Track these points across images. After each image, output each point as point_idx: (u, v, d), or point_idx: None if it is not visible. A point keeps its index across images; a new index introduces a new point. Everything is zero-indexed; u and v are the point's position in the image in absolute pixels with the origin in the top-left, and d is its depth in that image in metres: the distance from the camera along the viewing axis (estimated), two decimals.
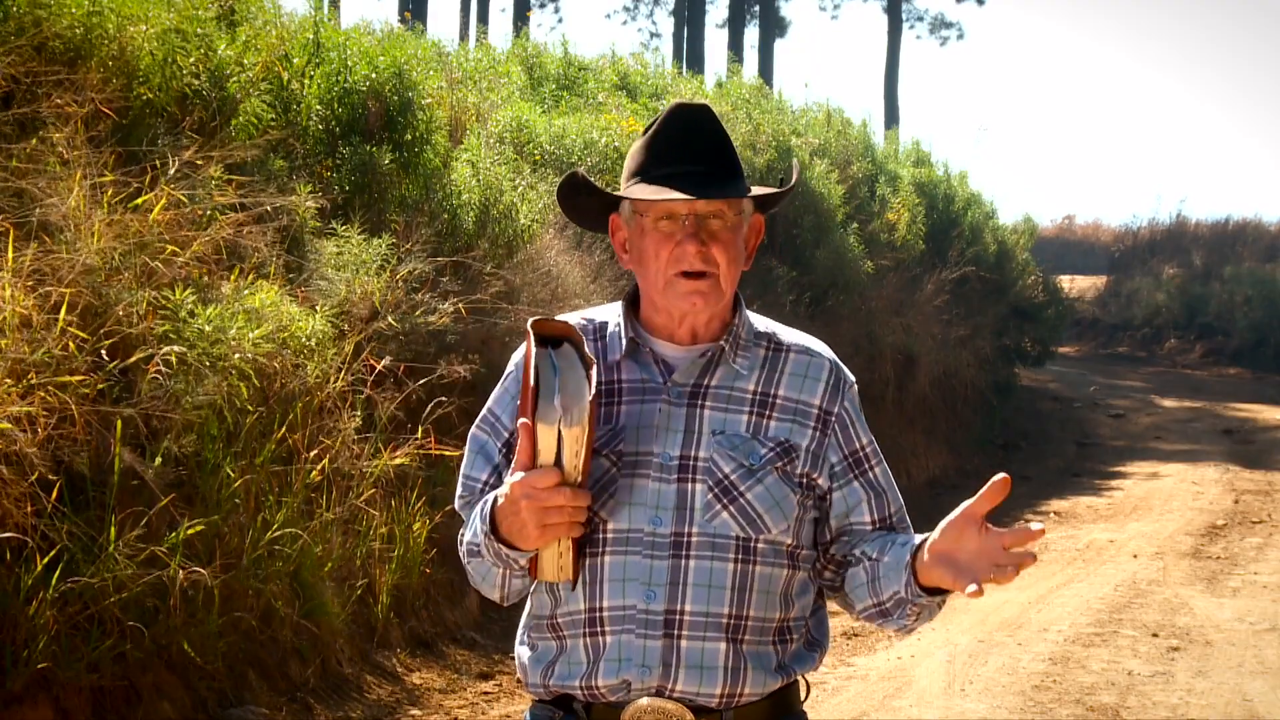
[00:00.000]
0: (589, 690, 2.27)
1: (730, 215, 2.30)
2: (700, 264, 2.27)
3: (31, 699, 4.60)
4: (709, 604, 2.24)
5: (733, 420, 2.30)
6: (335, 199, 7.54)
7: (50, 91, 5.90)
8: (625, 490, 2.26)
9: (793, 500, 2.28)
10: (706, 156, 2.30)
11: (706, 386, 2.32)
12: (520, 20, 27.61)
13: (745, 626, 2.26)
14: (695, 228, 2.27)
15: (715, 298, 2.30)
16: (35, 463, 4.63)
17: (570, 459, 2.16)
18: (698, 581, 2.24)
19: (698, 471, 2.26)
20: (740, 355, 2.34)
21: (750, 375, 2.34)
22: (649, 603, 2.23)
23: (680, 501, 2.25)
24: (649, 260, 2.31)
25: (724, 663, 2.24)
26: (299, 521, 5.84)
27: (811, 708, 2.44)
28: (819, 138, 13.75)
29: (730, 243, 2.30)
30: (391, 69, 8.16)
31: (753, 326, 2.39)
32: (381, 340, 6.81)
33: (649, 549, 2.24)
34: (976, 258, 16.07)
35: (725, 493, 2.26)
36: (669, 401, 2.30)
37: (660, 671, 2.23)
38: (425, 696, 6.17)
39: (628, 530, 2.25)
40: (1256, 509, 12.12)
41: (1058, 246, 30.75)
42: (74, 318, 5.06)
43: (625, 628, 2.24)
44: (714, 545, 2.25)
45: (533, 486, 2.14)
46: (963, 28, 50.30)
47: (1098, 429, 17.69)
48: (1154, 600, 8.59)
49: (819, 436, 2.33)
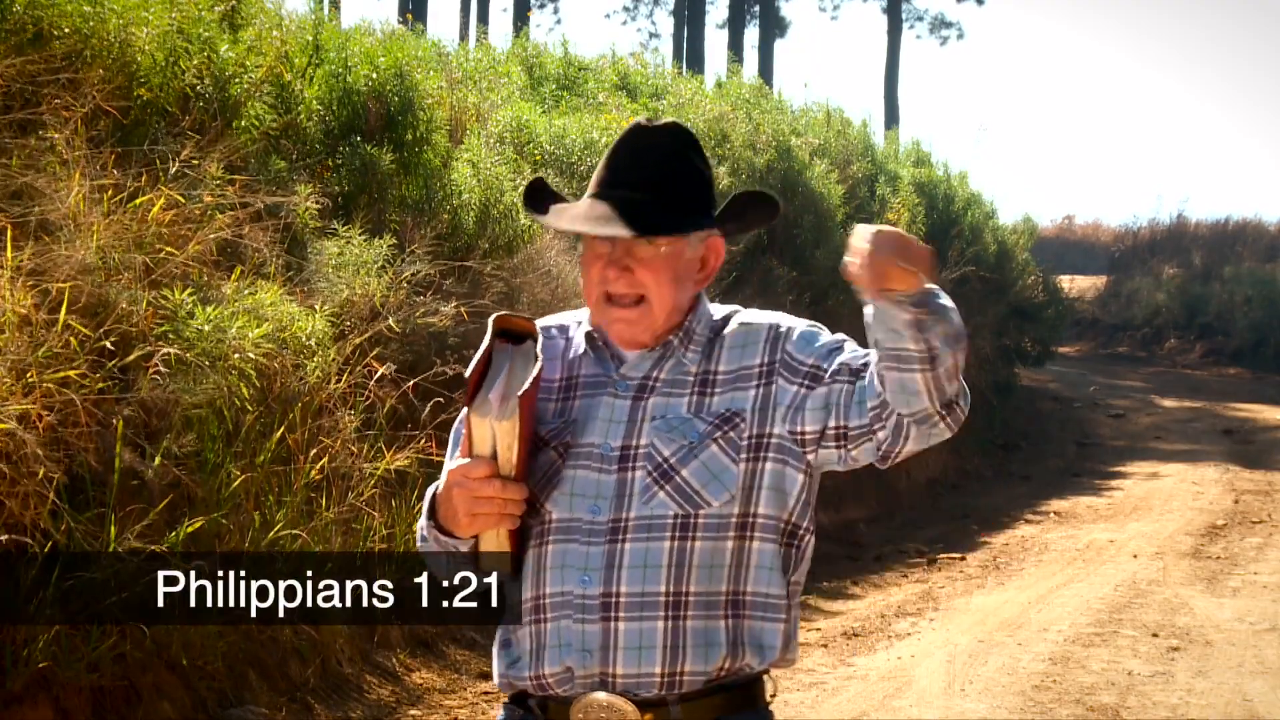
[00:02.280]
0: (536, 681, 2.30)
1: (663, 243, 2.31)
2: (623, 288, 2.31)
3: (31, 699, 4.60)
4: (644, 584, 2.26)
5: (674, 404, 2.33)
6: (336, 199, 7.54)
7: (50, 91, 5.90)
8: (568, 481, 2.30)
9: (733, 470, 2.28)
10: (650, 182, 2.31)
11: (655, 379, 2.35)
12: (520, 20, 27.61)
13: (686, 602, 2.26)
14: (622, 253, 2.30)
15: (644, 324, 2.33)
16: (36, 462, 4.63)
17: (503, 452, 2.21)
18: (632, 563, 2.26)
19: (638, 459, 2.29)
20: (690, 349, 2.37)
21: (695, 362, 2.36)
22: (585, 588, 2.26)
23: (619, 490, 2.29)
24: (585, 279, 2.36)
25: (662, 641, 2.26)
26: (299, 521, 5.84)
27: (811, 708, 2.43)
28: (819, 138, 13.75)
29: (660, 267, 2.31)
30: (392, 69, 8.16)
31: (710, 320, 2.40)
32: (382, 341, 6.81)
33: (586, 536, 2.28)
34: (976, 258, 16.06)
35: (663, 475, 2.28)
36: (615, 395, 2.35)
37: (599, 656, 2.26)
38: (425, 696, 6.17)
39: (569, 520, 2.29)
40: (1256, 509, 12.12)
41: (1058, 246, 30.73)
42: (74, 317, 5.06)
43: (563, 614, 2.27)
44: (650, 527, 2.27)
45: (465, 475, 2.21)
46: (963, 27, 50.35)
47: (1098, 429, 17.69)
48: (1154, 600, 8.59)
49: (763, 389, 2.32)
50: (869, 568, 10.02)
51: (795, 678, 6.80)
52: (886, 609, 8.55)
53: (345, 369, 6.44)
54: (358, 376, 6.50)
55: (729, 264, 10.23)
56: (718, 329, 2.39)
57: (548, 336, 2.41)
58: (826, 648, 7.55)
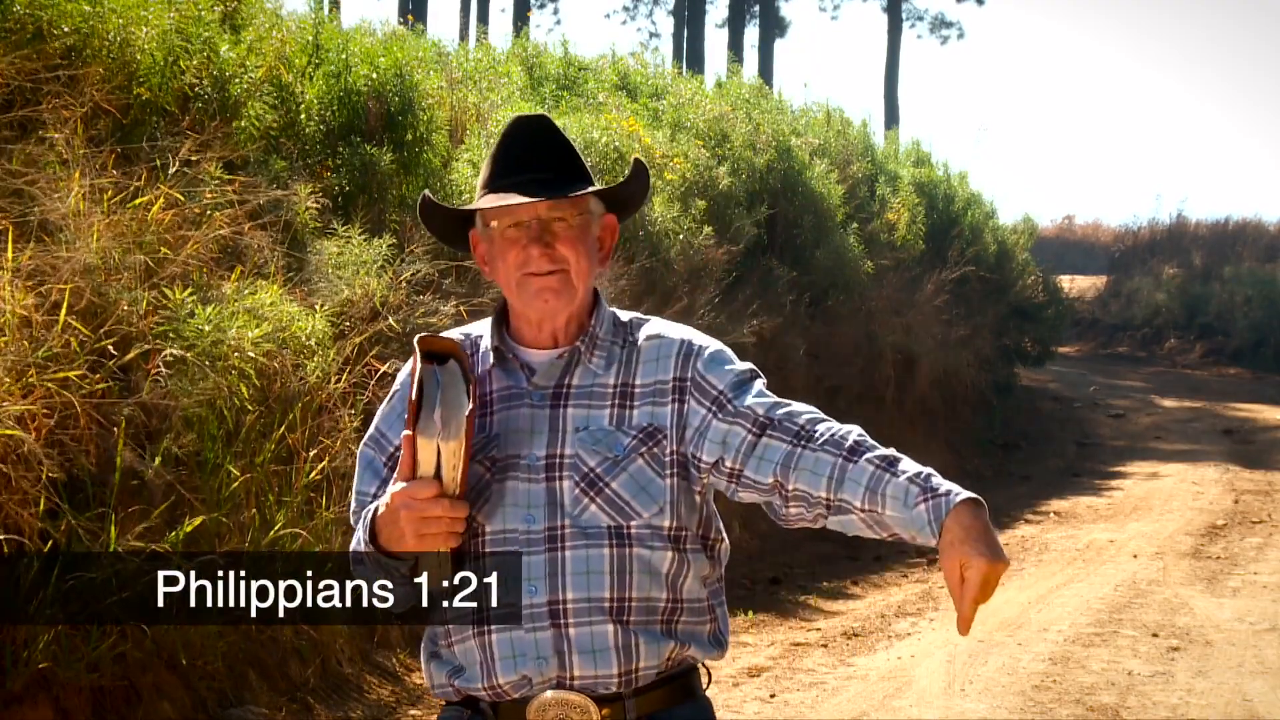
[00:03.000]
0: (492, 689, 2.32)
1: (574, 217, 2.38)
2: (547, 265, 2.36)
3: (31, 699, 4.61)
4: (589, 589, 2.29)
5: (595, 416, 2.36)
6: (335, 199, 7.54)
7: (50, 91, 5.90)
8: (498, 494, 2.33)
9: (661, 484, 2.34)
10: (547, 163, 2.39)
11: (568, 387, 2.39)
12: (520, 20, 27.62)
13: (630, 607, 2.31)
14: (539, 231, 2.36)
15: (567, 295, 2.38)
16: (36, 462, 4.63)
17: (449, 471, 2.24)
18: (575, 570, 2.30)
19: (564, 469, 2.33)
20: (596, 354, 2.41)
21: (609, 371, 2.40)
22: (531, 596, 2.29)
23: (550, 499, 2.32)
24: (500, 266, 2.40)
25: (614, 642, 2.29)
26: (299, 521, 5.85)
27: (811, 708, 2.45)
28: (819, 138, 13.75)
29: (577, 240, 2.38)
30: (392, 69, 8.16)
31: (613, 324, 2.45)
32: (382, 341, 6.81)
33: (525, 546, 2.30)
34: (976, 258, 16.07)
35: (591, 485, 2.32)
36: (532, 405, 2.39)
37: (555, 661, 2.29)
38: (425, 696, 6.17)
39: (504, 531, 2.32)
40: (1256, 509, 12.12)
41: (1058, 246, 30.74)
42: (74, 317, 5.06)
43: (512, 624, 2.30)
44: (586, 535, 2.31)
45: (412, 497, 2.23)
46: (963, 27, 50.34)
47: (1098, 429, 17.69)
48: (1154, 600, 8.59)
49: (678, 407, 2.37)
50: (869, 568, 10.02)
51: (795, 678, 6.81)
52: (886, 609, 8.55)
53: (345, 369, 6.44)
54: (358, 376, 6.50)
55: (729, 264, 10.24)
56: (625, 336, 2.44)
57: None
58: (826, 648, 7.55)
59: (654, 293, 9.06)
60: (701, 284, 9.75)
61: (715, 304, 9.67)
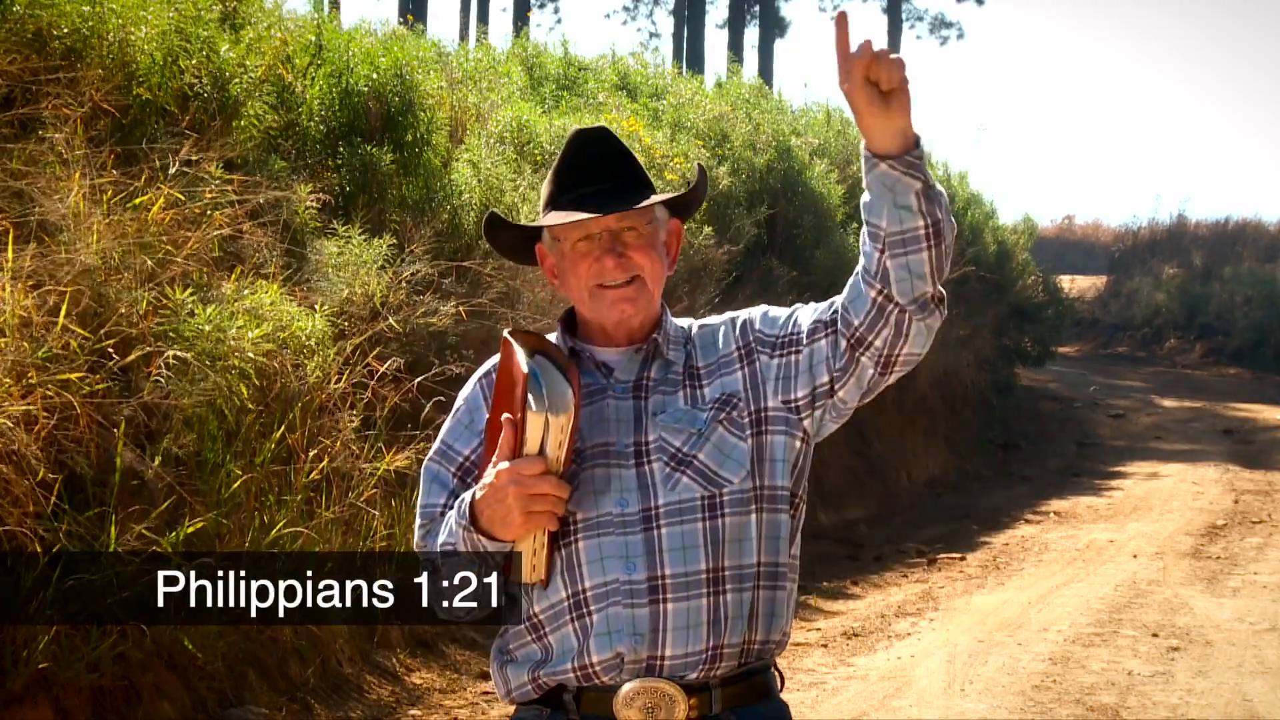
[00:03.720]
0: (582, 671, 2.33)
1: (643, 226, 2.43)
2: (621, 275, 2.40)
3: (31, 699, 4.61)
4: (686, 564, 2.33)
5: (671, 400, 2.42)
6: (336, 199, 7.54)
7: (50, 91, 5.90)
8: (588, 481, 2.36)
9: (743, 448, 2.38)
10: (610, 174, 2.44)
11: (647, 379, 2.44)
12: (520, 20, 27.61)
13: (723, 577, 2.35)
14: (611, 243, 2.41)
15: (644, 301, 2.44)
16: (36, 462, 4.63)
17: (554, 449, 2.25)
18: (671, 546, 2.33)
19: (651, 453, 2.37)
20: (672, 347, 2.47)
21: (679, 363, 2.46)
22: (630, 574, 2.32)
23: (641, 482, 2.36)
24: (572, 279, 2.44)
25: (707, 617, 2.33)
26: (299, 521, 5.85)
27: (811, 707, 2.46)
28: (819, 137, 13.74)
29: (647, 248, 2.43)
30: (392, 69, 8.16)
31: (677, 326, 2.52)
32: (382, 341, 6.81)
33: (620, 528, 2.34)
34: (976, 258, 16.05)
35: (680, 462, 2.36)
36: (615, 397, 2.43)
37: (650, 639, 2.31)
38: (425, 696, 6.17)
39: (596, 517, 2.35)
40: (1256, 509, 12.12)
41: (1058, 246, 30.74)
42: (74, 317, 5.06)
43: (611, 601, 2.32)
44: (680, 510, 2.35)
45: (520, 473, 2.24)
46: (963, 27, 50.36)
47: (1098, 429, 17.69)
48: (1154, 600, 8.59)
49: (749, 369, 2.43)
50: (869, 568, 10.02)
51: (795, 678, 6.81)
52: (886, 609, 8.55)
53: (345, 369, 6.44)
54: (358, 376, 6.50)
55: (729, 264, 10.24)
56: (686, 334, 2.51)
57: None
58: (826, 648, 7.55)
59: None
60: (701, 284, 9.75)
61: (715, 304, 9.67)
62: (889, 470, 13.46)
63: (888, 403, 13.73)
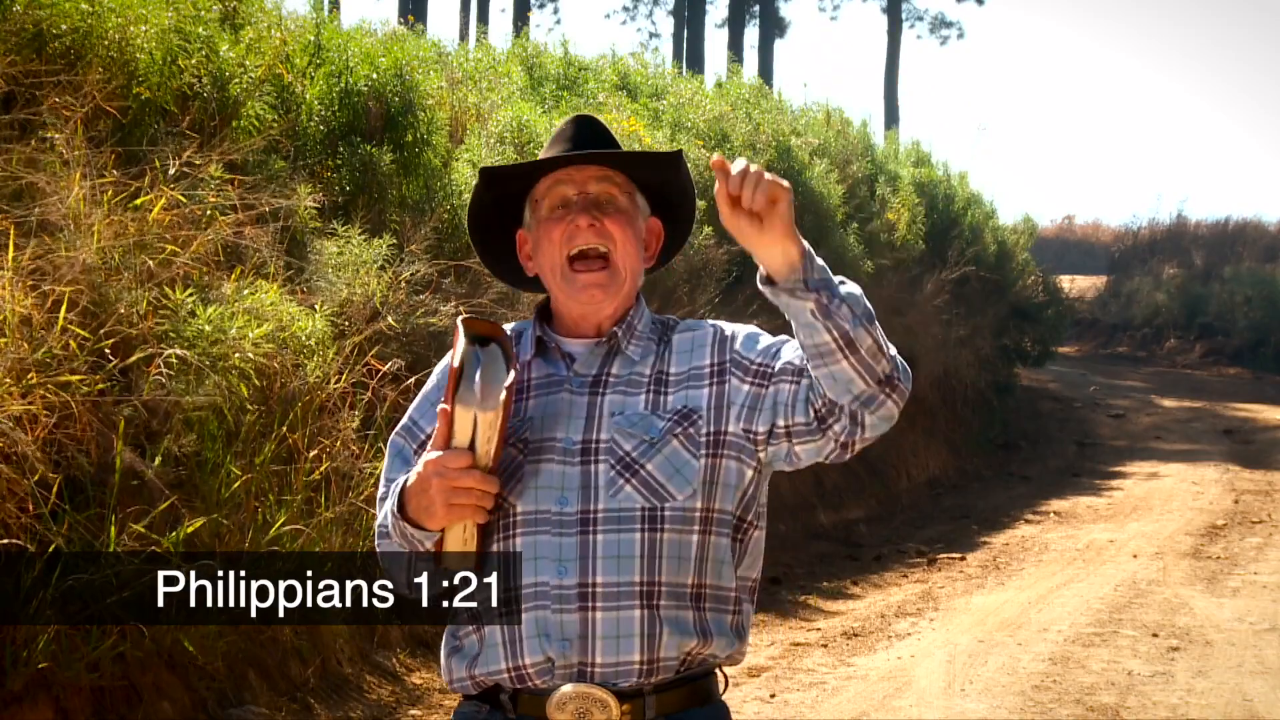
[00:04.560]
0: (516, 672, 2.31)
1: (621, 197, 2.41)
2: (594, 238, 2.37)
3: (31, 699, 4.61)
4: (619, 574, 2.29)
5: (631, 402, 2.38)
6: (336, 199, 7.54)
7: (50, 91, 5.90)
8: (531, 475, 2.33)
9: (695, 465, 2.33)
10: (594, 142, 2.43)
11: (607, 375, 2.40)
12: (520, 20, 27.62)
13: (659, 591, 2.31)
14: (586, 204, 2.38)
15: (614, 288, 2.40)
16: (36, 462, 4.63)
17: (483, 444, 2.25)
18: (606, 554, 2.30)
19: (599, 453, 2.33)
20: (634, 344, 2.42)
21: (645, 361, 2.42)
22: (561, 578, 2.29)
23: (585, 481, 2.32)
24: (545, 248, 2.40)
25: (640, 629, 2.29)
26: (299, 521, 5.85)
27: (811, 708, 2.45)
28: (819, 138, 13.75)
29: (625, 222, 2.40)
30: (392, 69, 8.16)
31: (651, 322, 2.48)
32: (382, 341, 6.81)
33: (557, 528, 2.31)
34: (976, 258, 16.06)
35: (627, 468, 2.32)
36: (571, 391, 2.39)
37: (579, 645, 2.28)
38: (425, 696, 6.17)
39: (535, 512, 2.32)
40: (1256, 509, 12.12)
41: (1058, 246, 30.76)
42: (74, 317, 5.06)
43: (540, 604, 2.30)
44: (619, 518, 2.31)
45: (444, 465, 2.24)
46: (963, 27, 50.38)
47: (1098, 429, 17.69)
48: (1154, 600, 8.59)
49: (718, 388, 2.38)
50: (869, 568, 10.02)
51: (795, 678, 6.81)
52: (886, 609, 8.55)
53: (345, 369, 6.44)
54: (358, 376, 6.50)
55: (729, 264, 10.24)
56: (660, 332, 2.46)
57: None
58: (826, 648, 7.55)
59: (654, 293, 9.05)
60: (701, 284, 9.75)
61: (715, 304, 9.67)
62: (889, 470, 13.46)
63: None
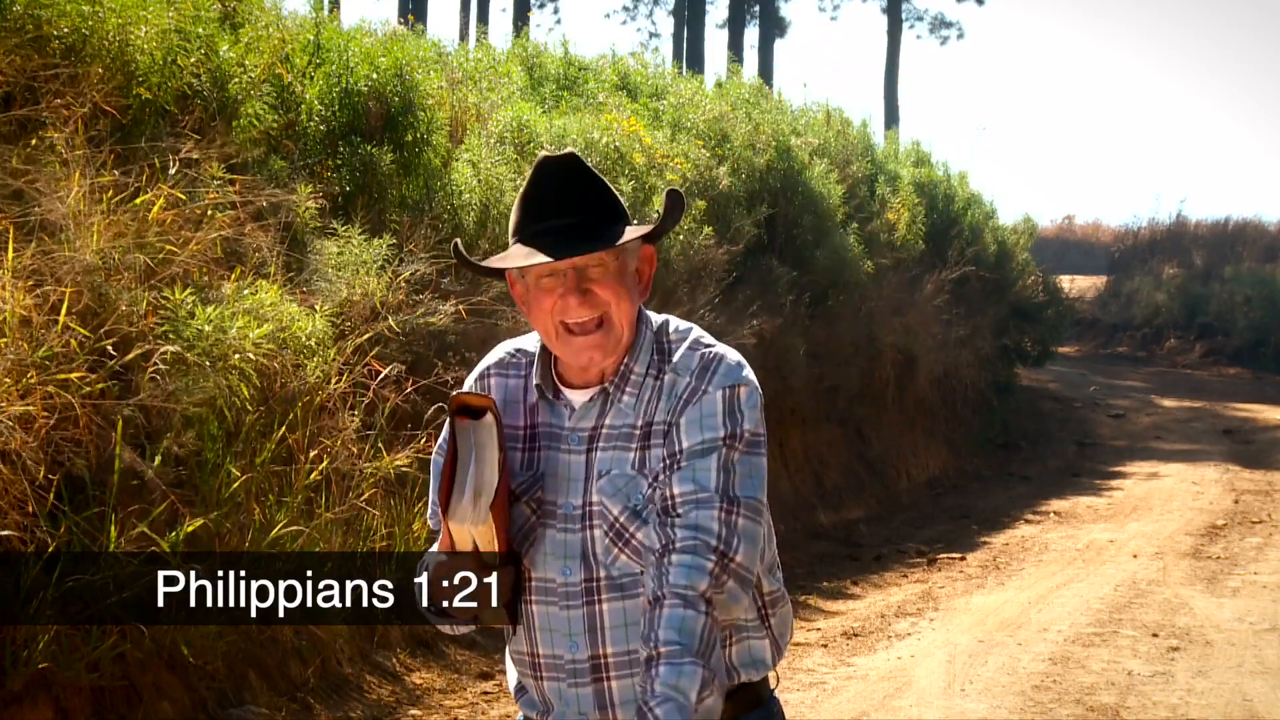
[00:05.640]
0: None
1: (610, 261, 2.31)
2: (586, 312, 2.29)
3: (31, 699, 4.61)
4: (628, 642, 2.29)
5: (619, 459, 2.31)
6: (336, 199, 7.54)
7: (50, 91, 5.90)
8: (540, 539, 2.33)
9: None
10: (576, 207, 2.31)
11: (600, 429, 2.34)
12: (520, 20, 27.62)
13: None
14: (575, 281, 2.29)
15: (612, 344, 2.32)
16: (34, 463, 4.63)
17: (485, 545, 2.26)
18: (613, 624, 2.30)
19: (594, 517, 2.30)
20: (626, 393, 2.34)
21: (636, 411, 2.33)
22: (573, 652, 2.31)
23: (584, 549, 2.30)
24: (537, 314, 2.33)
25: None
26: (299, 521, 5.84)
27: (811, 708, 2.44)
28: (819, 138, 13.74)
29: (615, 284, 2.30)
30: (392, 69, 8.16)
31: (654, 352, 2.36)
32: (382, 341, 6.81)
33: (564, 600, 2.31)
34: (976, 258, 16.07)
35: (619, 536, 2.29)
36: (569, 450, 2.34)
37: (598, 714, 2.31)
38: (425, 696, 6.17)
39: (544, 580, 2.33)
40: (1256, 509, 12.12)
41: (1058, 246, 30.77)
42: (74, 317, 5.06)
43: (557, 676, 2.33)
44: (621, 586, 2.29)
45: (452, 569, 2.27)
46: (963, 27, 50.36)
47: (1098, 429, 17.69)
48: (1154, 600, 8.59)
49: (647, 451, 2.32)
50: (869, 568, 10.01)
51: (795, 678, 6.80)
52: (886, 609, 8.55)
53: (345, 369, 6.44)
54: (358, 376, 6.50)
55: (729, 264, 10.23)
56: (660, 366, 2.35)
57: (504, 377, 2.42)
58: (826, 648, 7.54)
59: (654, 293, 9.06)
60: (702, 284, 9.75)
61: (715, 304, 9.67)
62: (889, 470, 13.46)
63: (888, 402, 13.73)
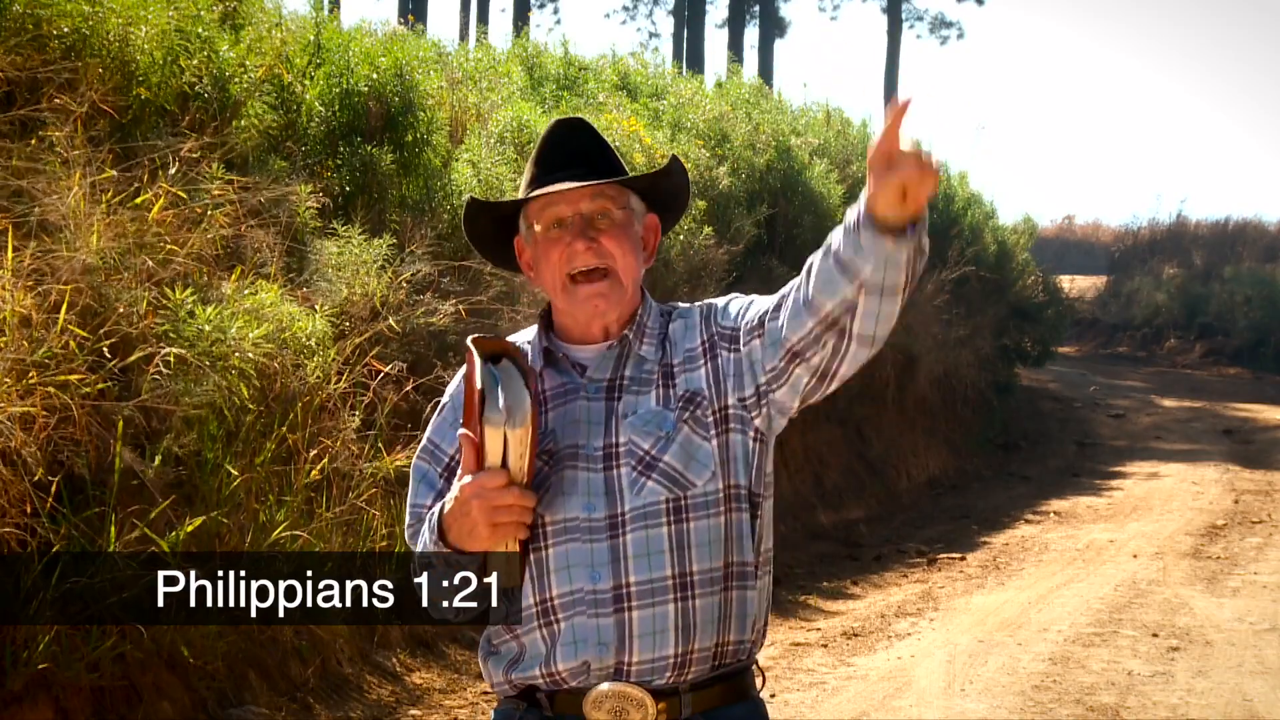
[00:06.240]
0: (550, 676, 2.34)
1: (615, 211, 2.41)
2: (593, 259, 2.37)
3: (31, 699, 4.61)
4: (650, 570, 2.32)
5: (644, 400, 2.39)
6: (336, 199, 7.54)
7: (50, 91, 5.90)
8: (557, 484, 2.35)
9: (708, 448, 2.36)
10: (585, 160, 2.42)
11: (620, 378, 2.41)
12: (520, 20, 27.62)
13: (692, 582, 2.33)
14: (582, 226, 2.38)
15: (616, 296, 2.40)
16: (34, 463, 4.63)
17: (515, 460, 2.26)
18: (636, 553, 2.32)
19: (620, 456, 2.35)
20: (646, 342, 2.43)
21: (655, 356, 2.43)
22: (595, 583, 2.32)
23: (609, 486, 2.34)
24: (545, 268, 2.41)
25: (674, 622, 2.32)
26: (299, 521, 5.84)
27: (811, 708, 2.45)
28: (819, 137, 13.74)
29: (620, 237, 2.40)
30: (392, 70, 8.16)
31: (658, 312, 2.49)
32: (382, 341, 6.81)
33: (587, 534, 2.33)
34: (976, 258, 16.06)
35: (647, 466, 2.34)
36: (587, 398, 2.40)
37: (615, 647, 2.31)
38: (425, 696, 6.17)
39: (564, 520, 2.34)
40: (1256, 509, 12.12)
41: (1058, 246, 30.77)
42: (74, 317, 5.06)
43: (576, 611, 2.32)
44: (645, 515, 2.33)
45: (483, 486, 2.24)
46: (963, 27, 50.37)
47: (1098, 429, 17.69)
48: (1154, 600, 8.59)
49: (712, 364, 2.40)
50: (869, 568, 10.01)
51: (795, 678, 6.81)
52: (886, 609, 8.55)
53: (345, 369, 6.44)
54: (358, 376, 6.50)
55: (730, 264, 10.24)
56: (664, 325, 2.47)
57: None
58: (826, 648, 7.54)
59: (654, 292, 9.06)
60: (702, 284, 9.75)
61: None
62: (889, 470, 13.46)
63: (888, 403, 13.73)
